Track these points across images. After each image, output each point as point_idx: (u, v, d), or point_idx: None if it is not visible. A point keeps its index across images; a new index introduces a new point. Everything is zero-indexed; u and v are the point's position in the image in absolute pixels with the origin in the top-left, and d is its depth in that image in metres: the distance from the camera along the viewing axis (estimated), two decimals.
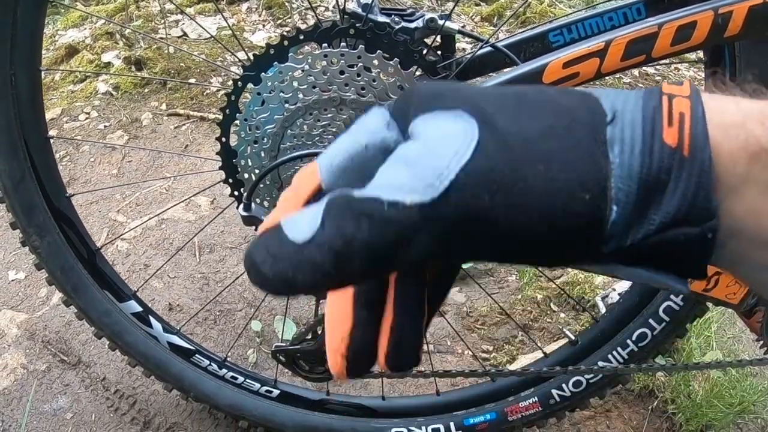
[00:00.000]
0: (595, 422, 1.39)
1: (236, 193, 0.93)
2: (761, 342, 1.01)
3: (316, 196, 0.35)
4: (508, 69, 0.84)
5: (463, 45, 2.28)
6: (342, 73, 0.80)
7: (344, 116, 0.81)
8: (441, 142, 0.32)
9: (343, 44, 0.84)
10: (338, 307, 0.37)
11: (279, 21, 2.70)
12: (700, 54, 1.02)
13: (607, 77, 0.84)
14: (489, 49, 0.95)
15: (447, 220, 0.30)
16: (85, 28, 2.75)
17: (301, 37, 0.82)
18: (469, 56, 0.94)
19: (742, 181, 0.32)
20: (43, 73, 1.04)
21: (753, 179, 0.32)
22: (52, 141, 1.09)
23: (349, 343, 0.36)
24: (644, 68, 2.65)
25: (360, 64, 0.80)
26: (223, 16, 2.41)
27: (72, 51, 2.58)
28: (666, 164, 0.32)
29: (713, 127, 0.33)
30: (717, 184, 0.32)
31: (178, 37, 2.68)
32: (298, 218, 0.31)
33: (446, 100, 0.34)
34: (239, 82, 0.85)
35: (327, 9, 2.70)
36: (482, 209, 0.31)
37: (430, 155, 0.31)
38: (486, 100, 0.34)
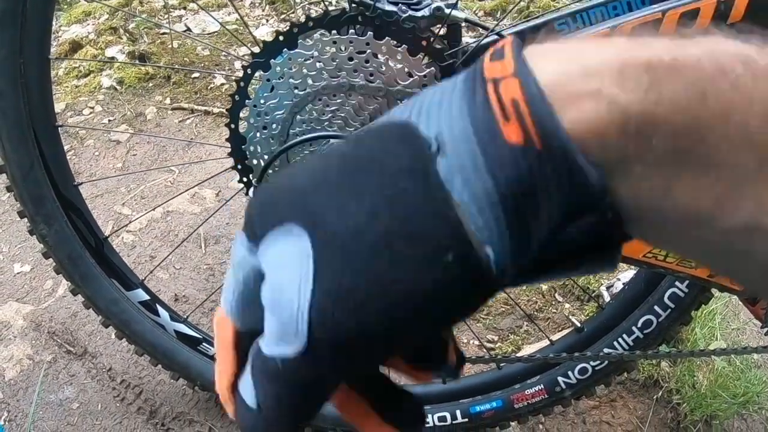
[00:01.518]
0: (600, 411, 1.39)
1: (245, 179, 0.93)
2: (765, 330, 1.01)
3: (241, 339, 0.34)
4: None
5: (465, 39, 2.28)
6: (351, 59, 0.81)
7: (353, 101, 0.82)
8: (283, 274, 0.29)
9: (351, 31, 0.84)
10: None
11: (282, 16, 2.71)
12: None
13: None
14: (495, 37, 0.95)
15: (328, 356, 0.29)
16: (89, 24, 2.76)
17: (311, 24, 0.83)
18: (474, 44, 0.95)
19: (621, 157, 0.28)
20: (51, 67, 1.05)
21: (632, 153, 0.27)
22: (60, 130, 1.10)
23: None
24: None
25: (368, 50, 0.80)
26: (234, 6, 2.41)
27: (76, 46, 2.59)
28: (522, 169, 0.27)
29: (559, 102, 0.27)
30: (593, 168, 0.27)
31: (182, 32, 2.69)
32: (244, 384, 0.33)
33: (278, 211, 0.31)
34: (249, 69, 0.85)
35: (331, 3, 2.71)
36: (353, 330, 0.28)
37: (281, 294, 0.29)
38: (314, 191, 0.30)
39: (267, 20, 2.72)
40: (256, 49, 0.85)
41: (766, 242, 0.28)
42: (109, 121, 2.27)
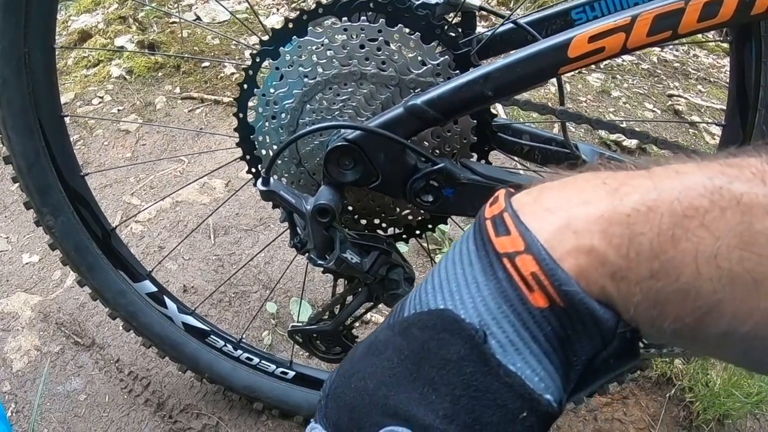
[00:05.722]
0: (612, 409, 1.37)
1: (253, 170, 0.91)
2: None
3: None
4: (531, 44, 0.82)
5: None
6: (362, 47, 0.78)
7: (364, 90, 0.79)
8: None
9: (363, 18, 0.82)
10: None
11: (293, 4, 2.68)
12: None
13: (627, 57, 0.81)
14: (511, 26, 0.93)
15: None
16: (98, 13, 2.74)
17: (321, 11, 0.81)
18: (490, 33, 0.92)
19: (616, 297, 0.34)
20: (56, 56, 1.02)
21: (625, 294, 0.34)
22: (66, 121, 1.08)
23: None
24: (663, 56, 2.61)
25: (381, 38, 0.78)
26: None
27: (85, 36, 2.58)
28: (555, 324, 0.35)
29: (565, 261, 0.34)
30: (605, 308, 0.34)
31: (192, 21, 2.67)
32: None
33: (371, 417, 0.36)
34: (257, 57, 0.83)
35: None
36: None
37: None
38: (393, 392, 0.36)
39: (278, 9, 2.69)
40: (266, 38, 0.83)
41: (743, 343, 0.33)
42: (119, 110, 2.26)
